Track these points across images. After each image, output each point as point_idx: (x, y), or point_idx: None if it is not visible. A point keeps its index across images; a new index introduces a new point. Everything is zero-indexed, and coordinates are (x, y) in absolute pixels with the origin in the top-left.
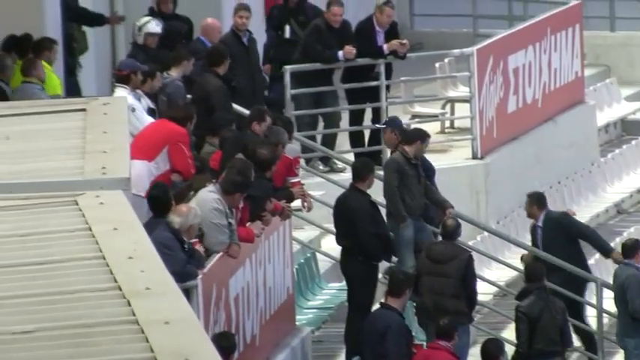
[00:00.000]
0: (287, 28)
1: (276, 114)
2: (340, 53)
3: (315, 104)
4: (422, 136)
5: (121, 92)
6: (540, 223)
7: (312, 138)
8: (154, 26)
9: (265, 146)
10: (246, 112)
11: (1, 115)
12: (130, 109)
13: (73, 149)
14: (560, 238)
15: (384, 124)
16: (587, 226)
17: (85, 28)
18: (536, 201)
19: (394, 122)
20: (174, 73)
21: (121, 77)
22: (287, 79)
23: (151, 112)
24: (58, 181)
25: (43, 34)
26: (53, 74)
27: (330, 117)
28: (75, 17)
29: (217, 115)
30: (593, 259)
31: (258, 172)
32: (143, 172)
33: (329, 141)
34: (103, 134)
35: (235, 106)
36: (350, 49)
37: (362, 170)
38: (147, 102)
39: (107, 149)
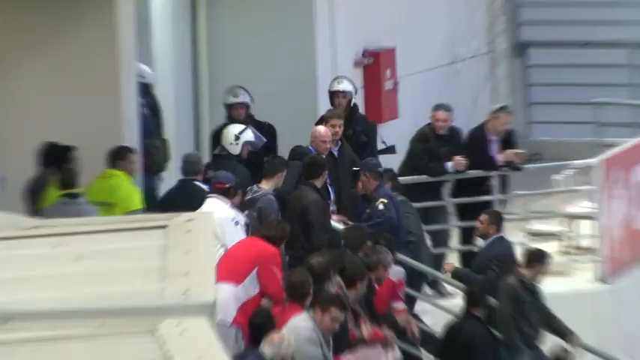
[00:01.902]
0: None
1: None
2: (449, 164)
3: (421, 220)
4: (541, 258)
5: (217, 204)
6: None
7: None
8: (251, 134)
9: (322, 255)
10: (340, 226)
11: (74, 233)
12: (234, 223)
13: (152, 271)
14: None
15: (358, 168)
16: None
17: (167, 136)
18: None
19: (367, 164)
20: (266, 186)
21: (221, 190)
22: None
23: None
24: (135, 306)
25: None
26: (133, 187)
27: (439, 235)
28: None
29: (316, 234)
30: None
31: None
32: (230, 297)
33: (437, 262)
34: (185, 254)
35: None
36: (460, 160)
37: (478, 295)
38: (243, 217)
39: (190, 271)
